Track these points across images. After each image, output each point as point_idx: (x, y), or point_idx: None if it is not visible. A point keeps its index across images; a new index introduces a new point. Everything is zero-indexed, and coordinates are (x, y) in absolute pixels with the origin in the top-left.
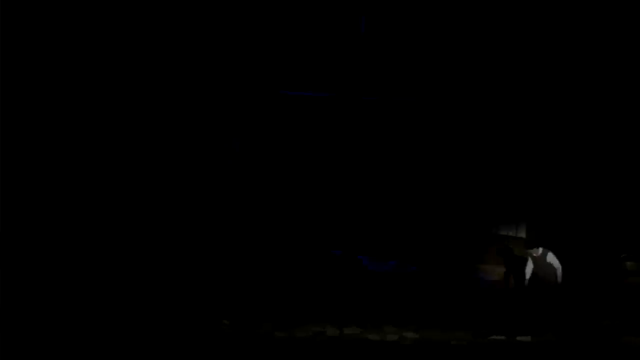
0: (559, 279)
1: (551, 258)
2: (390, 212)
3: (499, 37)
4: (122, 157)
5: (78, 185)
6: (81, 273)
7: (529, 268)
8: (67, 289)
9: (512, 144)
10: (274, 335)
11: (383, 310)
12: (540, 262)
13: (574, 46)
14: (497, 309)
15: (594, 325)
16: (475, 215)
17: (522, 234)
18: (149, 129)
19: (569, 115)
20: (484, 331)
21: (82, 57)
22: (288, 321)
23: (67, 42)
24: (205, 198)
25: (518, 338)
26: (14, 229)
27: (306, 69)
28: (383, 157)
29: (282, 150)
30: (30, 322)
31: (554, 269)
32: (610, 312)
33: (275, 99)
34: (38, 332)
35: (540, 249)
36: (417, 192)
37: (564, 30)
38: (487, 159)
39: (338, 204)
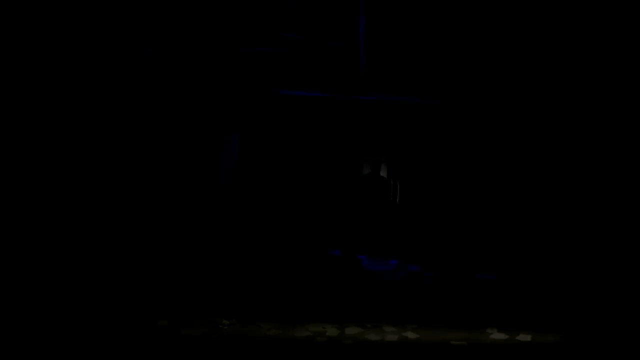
0: None
1: None
2: (391, 211)
3: (498, 38)
4: (119, 156)
5: (74, 184)
6: (77, 272)
7: None
8: (63, 288)
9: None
10: (273, 335)
11: (383, 310)
12: None
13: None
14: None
15: None
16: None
17: None
18: (148, 128)
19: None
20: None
21: (77, 55)
22: (287, 321)
23: (59, 39)
24: (204, 197)
25: (518, 338)
26: (9, 228)
27: (306, 69)
28: (383, 157)
29: (281, 150)
30: (26, 322)
31: None
32: None
33: (275, 99)
34: (34, 332)
35: None
36: (418, 191)
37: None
38: (487, 158)
39: (338, 203)
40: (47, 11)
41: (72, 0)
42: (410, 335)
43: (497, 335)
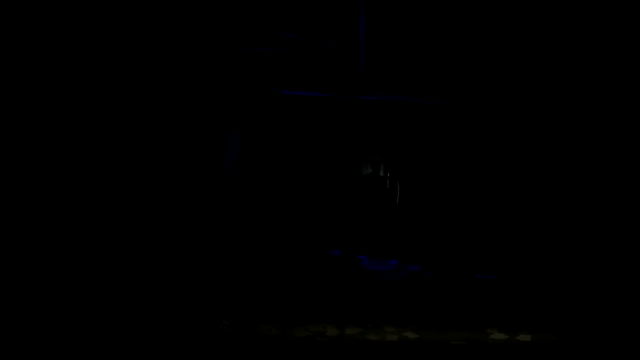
0: None
1: None
2: (391, 211)
3: (499, 38)
4: (119, 157)
5: (73, 184)
6: (77, 272)
7: None
8: (62, 289)
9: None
10: (272, 335)
11: (383, 310)
12: None
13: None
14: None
15: None
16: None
17: None
18: (147, 128)
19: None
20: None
21: (77, 55)
22: (288, 321)
23: (59, 39)
24: (204, 198)
25: (518, 338)
26: (8, 229)
27: (306, 69)
28: (383, 157)
29: (281, 150)
30: (26, 322)
31: None
32: None
33: (275, 99)
34: (33, 332)
35: None
36: (418, 191)
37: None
38: (487, 159)
39: (338, 203)
40: (47, 11)
41: (72, 0)
42: (410, 335)
43: (497, 335)
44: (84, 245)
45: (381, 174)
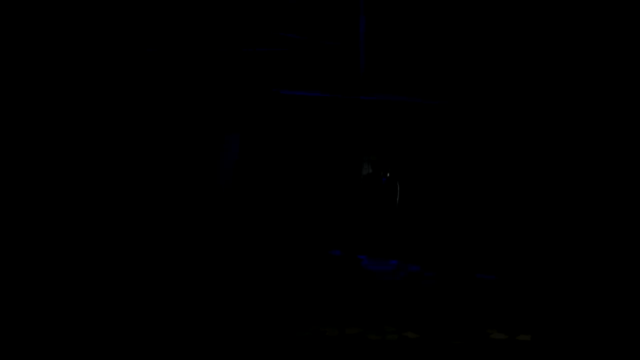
0: None
1: None
2: (391, 211)
3: (499, 38)
4: (120, 157)
5: (74, 184)
6: (78, 272)
7: None
8: (63, 288)
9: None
10: (273, 334)
11: (383, 310)
12: None
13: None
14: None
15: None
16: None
17: None
18: (148, 128)
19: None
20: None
21: (78, 55)
22: (287, 321)
23: (59, 39)
24: (204, 198)
25: (518, 338)
26: (8, 229)
27: (306, 69)
28: (383, 157)
29: (281, 150)
30: (26, 322)
31: None
32: None
33: (275, 99)
34: (33, 332)
35: None
36: (418, 191)
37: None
38: (487, 159)
39: (338, 203)
40: (47, 11)
41: (72, 1)
42: (410, 335)
43: (497, 335)
44: (85, 244)
45: (381, 174)
